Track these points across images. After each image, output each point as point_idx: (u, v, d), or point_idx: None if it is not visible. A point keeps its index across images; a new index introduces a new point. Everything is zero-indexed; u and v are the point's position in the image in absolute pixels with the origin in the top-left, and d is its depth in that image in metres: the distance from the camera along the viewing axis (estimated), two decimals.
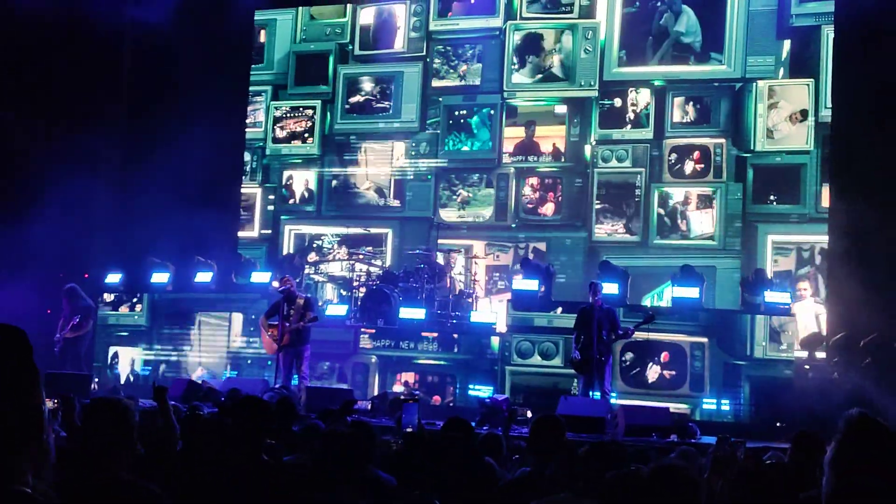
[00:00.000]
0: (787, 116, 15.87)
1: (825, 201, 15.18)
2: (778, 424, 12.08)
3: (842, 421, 2.82)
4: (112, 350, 15.88)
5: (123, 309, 16.11)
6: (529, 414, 11.51)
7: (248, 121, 18.95)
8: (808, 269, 15.32)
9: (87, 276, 16.24)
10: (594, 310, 12.04)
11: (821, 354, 13.15)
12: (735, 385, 12.75)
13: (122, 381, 15.28)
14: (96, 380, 14.39)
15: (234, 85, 18.66)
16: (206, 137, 16.83)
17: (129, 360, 15.78)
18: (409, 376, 14.25)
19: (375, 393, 13.56)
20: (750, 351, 13.01)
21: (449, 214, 17.45)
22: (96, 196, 16.25)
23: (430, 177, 17.73)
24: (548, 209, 17.01)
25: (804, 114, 15.76)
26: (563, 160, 16.99)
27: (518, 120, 17.38)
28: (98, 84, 16.77)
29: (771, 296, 13.19)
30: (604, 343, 11.90)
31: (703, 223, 16.15)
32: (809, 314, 13.67)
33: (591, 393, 11.99)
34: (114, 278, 16.09)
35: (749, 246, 15.79)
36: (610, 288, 13.15)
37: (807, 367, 13.07)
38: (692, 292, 13.50)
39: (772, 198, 15.85)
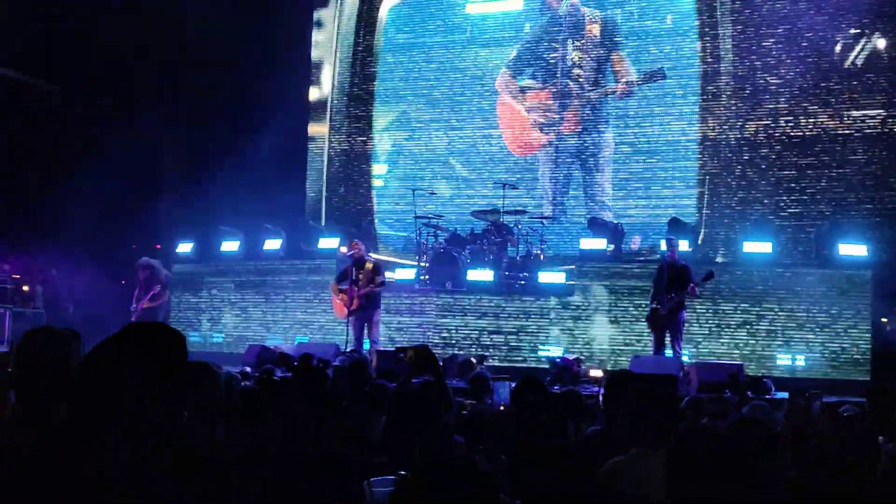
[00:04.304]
0: None
1: None
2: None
3: None
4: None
5: None
6: (600, 373, 11.46)
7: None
8: None
9: (158, 246, 16.49)
10: (667, 266, 11.90)
11: None
12: (807, 341, 12.48)
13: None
14: None
15: (298, 54, 18.72)
16: (272, 106, 16.98)
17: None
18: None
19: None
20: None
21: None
22: (166, 168, 16.52)
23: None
24: None
25: None
26: None
27: None
28: (165, 68, 17.05)
29: (845, 248, 12.84)
30: (673, 300, 11.71)
31: None
32: None
33: (663, 350, 11.87)
34: (185, 248, 16.26)
35: None
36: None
37: (884, 319, 12.84)
38: (764, 247, 13.25)
39: None
